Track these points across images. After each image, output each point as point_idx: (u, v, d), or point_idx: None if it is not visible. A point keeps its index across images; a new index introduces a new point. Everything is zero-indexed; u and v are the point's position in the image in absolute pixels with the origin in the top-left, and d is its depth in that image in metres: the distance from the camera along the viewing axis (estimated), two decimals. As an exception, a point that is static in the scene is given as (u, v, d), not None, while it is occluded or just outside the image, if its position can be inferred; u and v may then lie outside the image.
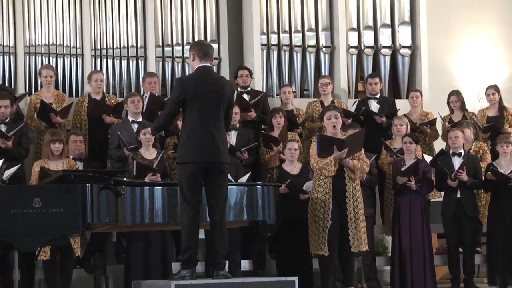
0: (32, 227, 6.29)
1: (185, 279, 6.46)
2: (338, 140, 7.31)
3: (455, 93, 10.11)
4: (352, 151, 7.34)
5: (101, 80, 9.48)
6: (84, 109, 9.34)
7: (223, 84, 6.79)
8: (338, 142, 7.29)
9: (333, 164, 7.28)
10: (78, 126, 9.22)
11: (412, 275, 8.72)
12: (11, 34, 9.89)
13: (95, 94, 9.42)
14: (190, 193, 6.51)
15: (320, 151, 7.32)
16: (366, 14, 10.90)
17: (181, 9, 10.51)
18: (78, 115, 9.30)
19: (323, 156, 7.31)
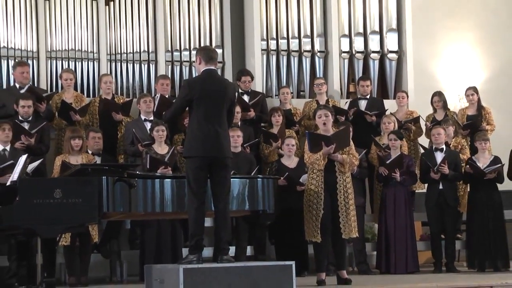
0: (53, 216, 6.28)
1: (192, 263, 6.46)
2: (325, 136, 7.33)
3: (438, 93, 10.14)
4: (340, 146, 7.34)
5: (110, 82, 9.48)
6: (96, 108, 9.35)
7: (226, 85, 6.80)
8: (325, 138, 7.30)
9: (322, 158, 7.29)
10: (91, 123, 9.23)
11: (395, 259, 8.77)
12: (34, 40, 9.90)
13: (106, 95, 9.43)
14: (196, 185, 6.52)
15: (311, 147, 7.34)
16: (357, 22, 10.90)
17: (188, 17, 10.51)
18: (90, 114, 9.30)
19: (315, 152, 7.32)
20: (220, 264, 6.53)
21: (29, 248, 7.01)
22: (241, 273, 6.51)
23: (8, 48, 9.76)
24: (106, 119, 9.21)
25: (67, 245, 8.13)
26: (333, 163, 7.34)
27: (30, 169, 7.51)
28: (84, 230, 7.99)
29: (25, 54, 9.81)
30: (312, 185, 7.36)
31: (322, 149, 7.26)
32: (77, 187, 6.38)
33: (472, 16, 11.95)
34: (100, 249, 8.80)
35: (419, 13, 11.34)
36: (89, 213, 6.43)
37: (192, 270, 6.35)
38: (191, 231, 6.58)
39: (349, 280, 7.38)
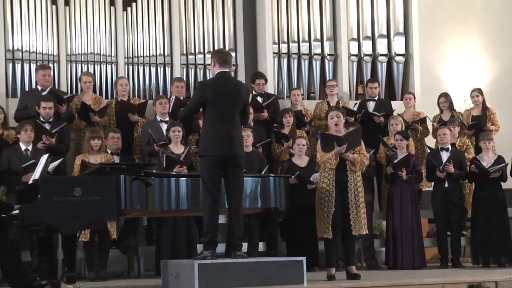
0: (73, 213, 6.29)
1: (207, 258, 6.47)
2: (337, 137, 7.32)
3: (444, 95, 10.12)
4: (351, 146, 7.34)
5: (126, 84, 9.50)
6: (112, 109, 9.36)
7: (240, 87, 6.80)
8: (337, 139, 7.30)
9: (333, 158, 7.28)
10: (108, 124, 9.25)
11: (402, 255, 8.75)
12: (55, 44, 9.91)
13: (121, 97, 9.44)
14: (210, 183, 6.52)
15: (323, 147, 7.33)
16: (365, 26, 10.89)
17: (202, 21, 10.51)
18: (107, 115, 9.32)
19: (327, 151, 7.32)
20: (234, 259, 6.54)
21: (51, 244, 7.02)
22: (254, 268, 6.52)
23: (30, 52, 9.78)
24: (123, 120, 9.22)
25: (86, 241, 8.15)
26: (344, 162, 7.34)
27: (51, 168, 7.53)
28: (102, 226, 8.01)
29: (46, 57, 9.83)
30: (324, 184, 7.34)
31: (334, 149, 7.25)
32: (96, 185, 6.39)
33: (476, 21, 11.91)
34: (118, 245, 8.82)
35: (425, 17, 11.31)
36: (108, 211, 6.43)
37: (206, 265, 6.36)
38: (206, 227, 6.58)
39: (358, 275, 7.36)
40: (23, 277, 6.57)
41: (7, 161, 8.05)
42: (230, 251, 6.78)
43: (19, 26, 9.76)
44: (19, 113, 8.93)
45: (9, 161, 8.04)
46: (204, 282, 6.29)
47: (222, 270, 6.40)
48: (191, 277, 6.31)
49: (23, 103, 8.98)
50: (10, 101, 9.48)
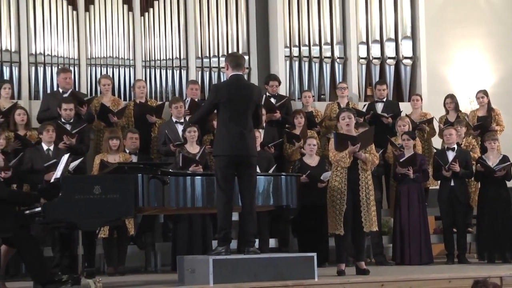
0: (93, 210, 6.30)
1: (221, 254, 6.47)
2: (352, 136, 7.31)
3: (450, 96, 10.08)
4: (364, 145, 7.33)
5: (143, 87, 9.51)
6: (131, 111, 9.37)
7: (252, 89, 6.79)
8: (351, 138, 7.28)
9: (348, 157, 7.27)
10: (126, 125, 9.26)
11: (410, 251, 8.72)
12: (75, 48, 9.94)
13: (139, 99, 9.46)
14: (224, 182, 6.52)
15: (337, 146, 7.32)
16: (374, 30, 10.86)
17: (217, 26, 10.51)
18: (126, 116, 9.34)
19: (340, 150, 7.30)
20: (247, 255, 6.54)
21: (71, 240, 7.04)
22: (267, 264, 6.51)
23: (52, 56, 9.82)
24: (141, 121, 9.23)
25: (105, 237, 8.17)
26: (356, 161, 7.32)
27: (71, 167, 7.55)
28: (121, 223, 8.05)
29: (67, 61, 9.85)
30: (336, 182, 7.33)
31: (348, 148, 7.24)
32: (115, 184, 6.40)
33: (481, 25, 11.86)
34: (136, 241, 8.83)
35: (432, 22, 11.27)
36: (126, 208, 6.45)
37: (221, 261, 6.36)
38: (220, 224, 6.58)
39: (367, 270, 7.34)
40: (45, 272, 6.59)
41: (30, 160, 8.07)
42: (243, 247, 6.77)
43: (42, 31, 9.80)
44: (41, 114, 8.95)
45: (32, 161, 8.06)
46: (219, 276, 6.29)
47: (236, 266, 6.40)
48: (206, 272, 6.31)
49: (45, 105, 9.01)
50: (33, 103, 9.52)
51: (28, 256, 6.52)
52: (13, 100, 9.17)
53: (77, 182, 6.48)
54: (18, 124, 8.64)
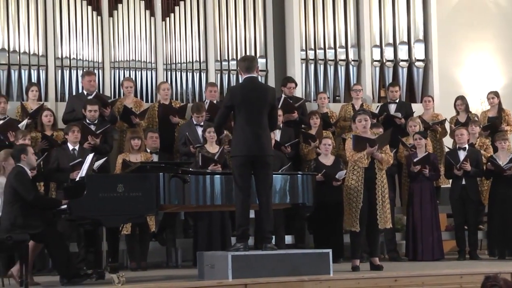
0: (116, 208, 6.32)
1: (239, 250, 6.48)
2: (370, 139, 7.31)
3: (460, 98, 10.04)
4: (381, 146, 7.34)
5: (168, 89, 9.54)
6: (155, 112, 9.39)
7: (266, 90, 6.79)
8: (370, 141, 7.28)
9: (366, 157, 7.26)
10: (151, 126, 9.29)
11: (422, 247, 8.69)
12: (99, 52, 9.97)
13: (164, 100, 9.48)
14: (241, 181, 6.52)
15: (355, 147, 7.32)
16: (387, 33, 10.82)
17: (235, 30, 10.51)
18: (151, 117, 9.37)
19: (358, 151, 7.30)
20: (264, 251, 6.54)
21: (96, 236, 7.07)
22: (283, 260, 6.51)
23: (77, 59, 9.86)
24: (165, 121, 9.26)
25: (128, 234, 8.20)
26: (373, 161, 7.32)
27: (96, 166, 7.58)
28: (143, 220, 8.07)
29: (91, 64, 9.89)
30: (353, 180, 7.32)
31: (366, 149, 7.23)
32: (137, 182, 6.41)
33: (492, 28, 11.78)
34: (157, 238, 8.85)
35: (444, 25, 11.22)
36: (148, 206, 6.46)
37: (239, 256, 6.36)
38: (238, 222, 6.59)
39: (381, 266, 7.32)
40: (71, 267, 6.62)
41: (56, 160, 8.11)
42: (260, 243, 6.77)
43: (68, 36, 9.84)
44: (67, 116, 9.00)
45: (58, 160, 8.10)
46: (237, 272, 6.29)
47: (254, 261, 6.40)
48: (225, 267, 6.31)
49: (71, 107, 9.05)
50: (59, 105, 9.57)
51: (55, 251, 6.55)
52: (40, 102, 9.22)
53: (101, 180, 6.50)
54: (45, 125, 8.68)
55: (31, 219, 6.43)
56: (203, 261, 6.77)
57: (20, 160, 6.62)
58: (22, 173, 6.52)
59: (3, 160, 6.94)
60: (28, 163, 6.66)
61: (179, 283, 6.53)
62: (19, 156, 6.62)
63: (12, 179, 6.48)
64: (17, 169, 6.57)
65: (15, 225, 6.39)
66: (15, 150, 6.82)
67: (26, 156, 6.63)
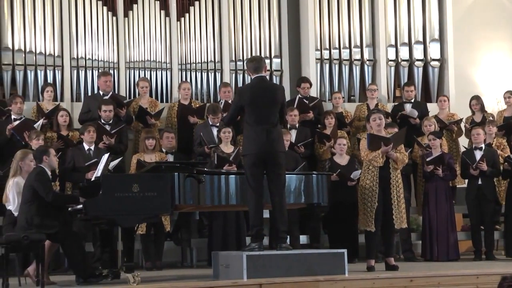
0: (131, 207, 6.34)
1: (254, 250, 6.47)
2: (385, 138, 7.28)
3: (475, 97, 9.98)
4: (395, 145, 7.31)
5: (188, 89, 9.55)
6: (175, 112, 9.41)
7: (275, 89, 6.82)
8: (385, 140, 7.25)
9: (380, 156, 7.24)
10: (170, 126, 9.31)
11: (437, 247, 8.65)
12: (115, 52, 10.02)
13: (184, 100, 9.50)
14: (253, 180, 6.53)
15: (370, 146, 7.29)
16: (402, 33, 10.79)
17: (250, 30, 10.52)
18: (170, 117, 9.39)
19: (372, 150, 7.28)
20: (279, 251, 6.53)
21: (111, 236, 7.09)
22: (298, 260, 6.50)
23: (92, 60, 9.90)
24: (183, 122, 9.27)
25: (143, 233, 8.21)
26: (387, 161, 7.29)
27: (111, 166, 7.60)
28: (158, 220, 8.09)
29: (107, 65, 9.94)
30: (368, 180, 7.29)
31: (381, 148, 7.21)
32: (153, 182, 6.42)
33: (508, 27, 11.71)
34: (172, 237, 8.87)
35: (459, 25, 11.16)
36: (163, 205, 6.47)
37: (254, 256, 6.36)
38: (252, 222, 6.59)
39: (396, 266, 7.29)
40: (87, 266, 6.65)
41: (72, 160, 8.15)
42: (275, 243, 6.76)
43: (83, 37, 9.89)
44: (82, 116, 9.03)
45: (74, 160, 8.13)
46: (252, 272, 6.29)
47: (269, 261, 6.39)
48: (240, 267, 6.31)
49: (86, 107, 9.08)
50: (74, 105, 9.61)
51: (71, 251, 6.57)
52: (56, 102, 9.26)
53: (116, 180, 6.52)
54: (61, 125, 8.71)
55: (47, 219, 6.46)
56: (218, 261, 6.77)
57: (42, 161, 6.66)
58: (43, 173, 6.57)
59: (20, 160, 6.98)
60: (50, 165, 6.71)
61: (194, 282, 6.53)
62: (41, 158, 6.67)
63: (33, 178, 6.52)
64: (38, 169, 6.61)
65: (32, 224, 6.42)
66: (37, 151, 6.87)
67: (48, 157, 6.68)
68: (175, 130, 9.19)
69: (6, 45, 9.62)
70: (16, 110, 8.64)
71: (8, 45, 9.63)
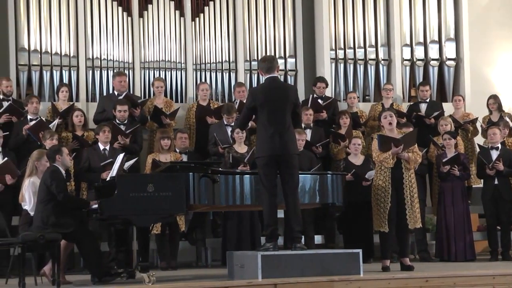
0: (146, 207, 6.36)
1: (269, 250, 6.47)
2: (395, 139, 7.26)
3: (493, 97, 9.92)
4: (407, 146, 7.27)
5: (207, 89, 9.56)
6: (193, 112, 9.43)
7: (288, 90, 6.78)
8: (394, 140, 7.23)
9: (391, 157, 7.21)
10: (188, 126, 9.32)
11: (453, 248, 8.61)
12: (130, 52, 10.04)
13: (202, 101, 9.51)
14: (266, 181, 6.52)
15: (381, 147, 7.27)
16: (417, 32, 10.75)
17: (264, 30, 10.51)
18: (188, 118, 9.40)
19: (383, 151, 7.26)
20: (294, 251, 6.52)
21: (127, 235, 7.12)
22: (313, 260, 6.49)
23: (107, 60, 9.94)
24: (202, 122, 9.29)
25: (158, 233, 8.23)
26: (400, 161, 7.27)
27: (127, 166, 7.62)
28: (173, 220, 8.11)
29: (122, 65, 9.96)
30: (380, 181, 7.27)
31: (391, 150, 7.19)
32: (167, 182, 6.44)
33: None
34: (187, 237, 8.89)
35: (475, 24, 11.10)
36: (178, 205, 6.48)
37: (269, 256, 6.36)
38: (266, 221, 6.58)
39: (411, 266, 7.27)
40: (102, 266, 6.67)
41: (87, 160, 8.18)
42: (290, 243, 6.75)
43: (98, 37, 9.93)
44: (97, 116, 9.07)
45: (89, 160, 8.17)
46: (267, 271, 6.29)
47: (284, 261, 6.39)
48: (255, 267, 6.31)
49: (101, 107, 9.11)
50: (90, 105, 9.65)
51: (86, 251, 6.61)
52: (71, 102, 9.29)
53: (131, 180, 6.54)
54: (76, 125, 8.75)
55: (63, 218, 6.49)
56: (232, 261, 6.77)
57: (55, 160, 6.70)
58: (57, 173, 6.61)
59: (36, 160, 7.02)
60: (63, 164, 6.74)
61: (209, 282, 6.54)
62: (54, 157, 6.71)
63: (47, 177, 6.56)
64: (52, 168, 6.65)
65: (48, 224, 6.46)
66: (50, 150, 6.91)
67: (61, 156, 6.72)
68: (193, 131, 9.21)
69: (22, 45, 9.68)
70: (32, 110, 8.68)
71: (24, 45, 9.68)
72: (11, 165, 7.89)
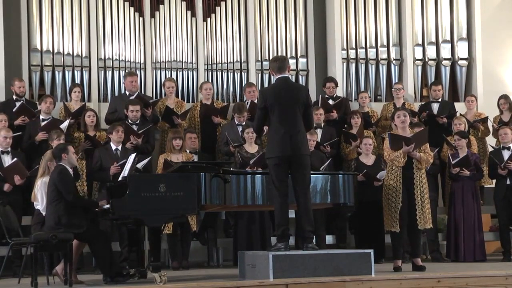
0: (158, 207, 6.37)
1: (280, 250, 6.46)
2: (406, 137, 7.24)
3: (504, 97, 9.88)
4: (418, 145, 7.26)
5: (210, 89, 9.56)
6: (197, 112, 9.44)
7: (298, 90, 6.74)
8: (405, 139, 7.21)
9: (402, 156, 7.20)
10: (192, 126, 9.34)
11: (464, 248, 8.58)
12: (141, 53, 10.08)
13: (206, 100, 9.52)
14: (277, 181, 6.51)
15: (392, 145, 7.26)
16: (429, 32, 10.72)
17: (276, 30, 10.52)
18: (192, 117, 9.42)
19: (394, 149, 7.24)
20: (306, 251, 6.51)
21: (138, 235, 7.14)
22: (325, 260, 6.49)
23: (119, 60, 9.97)
24: (206, 121, 9.30)
25: (170, 233, 8.24)
26: (411, 160, 7.25)
27: (140, 166, 7.64)
28: (184, 220, 8.12)
29: (134, 65, 10.00)
30: (391, 180, 7.26)
31: (402, 148, 7.18)
32: (179, 182, 6.44)
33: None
34: (198, 237, 8.90)
35: (488, 23, 11.05)
36: (189, 205, 6.49)
37: (280, 256, 6.35)
38: (277, 221, 6.58)
39: (423, 267, 7.25)
40: (114, 266, 6.69)
41: (99, 160, 8.21)
42: (301, 243, 6.75)
43: (110, 38, 9.97)
44: (109, 116, 9.10)
45: (101, 160, 8.19)
46: (278, 272, 6.29)
47: (295, 261, 6.39)
48: (266, 267, 6.31)
49: (113, 107, 9.14)
50: (101, 105, 9.69)
51: (98, 250, 6.63)
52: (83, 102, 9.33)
53: (143, 180, 6.55)
54: (88, 125, 8.78)
55: (75, 218, 6.52)
56: (244, 261, 6.78)
57: (61, 159, 6.71)
58: (64, 173, 6.62)
59: (49, 160, 7.04)
60: (69, 162, 6.75)
61: (221, 282, 6.54)
62: (60, 155, 6.72)
63: (56, 177, 6.58)
64: (60, 167, 6.66)
65: (60, 224, 6.48)
66: (56, 149, 6.92)
67: (67, 155, 6.72)
68: (198, 131, 9.22)
69: (35, 46, 9.73)
70: (45, 109, 8.71)
71: (36, 46, 9.74)
72: (20, 166, 7.93)
